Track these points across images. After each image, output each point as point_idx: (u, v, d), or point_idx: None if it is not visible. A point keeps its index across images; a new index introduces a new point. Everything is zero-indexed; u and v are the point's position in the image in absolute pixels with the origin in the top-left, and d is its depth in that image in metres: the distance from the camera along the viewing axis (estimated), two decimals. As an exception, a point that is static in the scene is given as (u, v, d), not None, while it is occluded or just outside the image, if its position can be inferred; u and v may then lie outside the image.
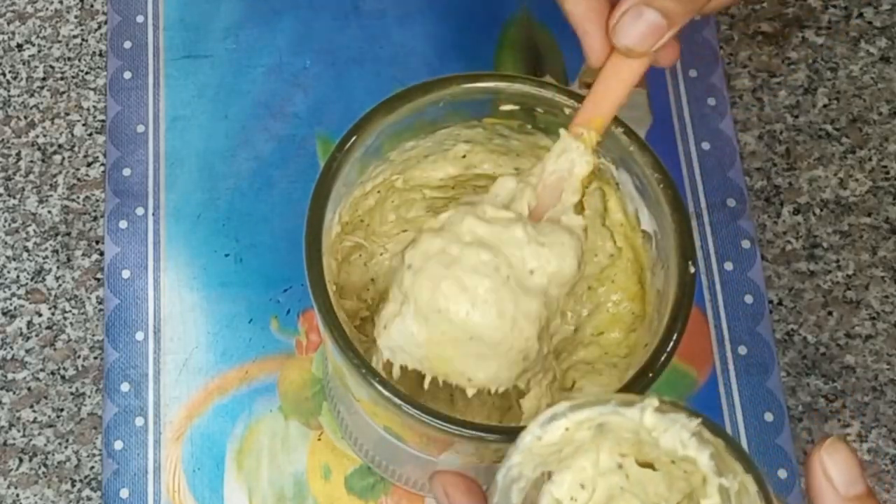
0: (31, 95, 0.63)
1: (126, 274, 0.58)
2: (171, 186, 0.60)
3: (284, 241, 0.59)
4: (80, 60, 0.64)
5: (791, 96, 0.64)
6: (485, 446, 0.41)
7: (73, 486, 0.55)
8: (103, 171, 0.61)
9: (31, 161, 0.61)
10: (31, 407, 0.57)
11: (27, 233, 0.60)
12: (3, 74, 0.63)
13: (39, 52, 0.64)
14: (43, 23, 0.65)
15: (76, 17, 0.65)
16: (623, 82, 0.41)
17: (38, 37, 0.64)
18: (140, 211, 0.60)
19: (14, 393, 0.57)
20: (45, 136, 0.62)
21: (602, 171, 0.46)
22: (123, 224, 0.59)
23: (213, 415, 0.56)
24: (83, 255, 0.59)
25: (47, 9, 0.65)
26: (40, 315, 0.58)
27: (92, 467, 0.55)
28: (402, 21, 0.65)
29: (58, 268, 0.59)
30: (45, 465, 0.55)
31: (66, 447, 0.56)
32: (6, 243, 0.60)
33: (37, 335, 0.58)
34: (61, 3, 0.65)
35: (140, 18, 0.64)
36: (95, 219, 0.60)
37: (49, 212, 0.60)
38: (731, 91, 0.64)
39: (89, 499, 0.55)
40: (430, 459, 0.47)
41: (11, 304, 0.58)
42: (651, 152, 0.44)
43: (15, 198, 0.61)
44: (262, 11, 0.65)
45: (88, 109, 0.63)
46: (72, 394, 0.57)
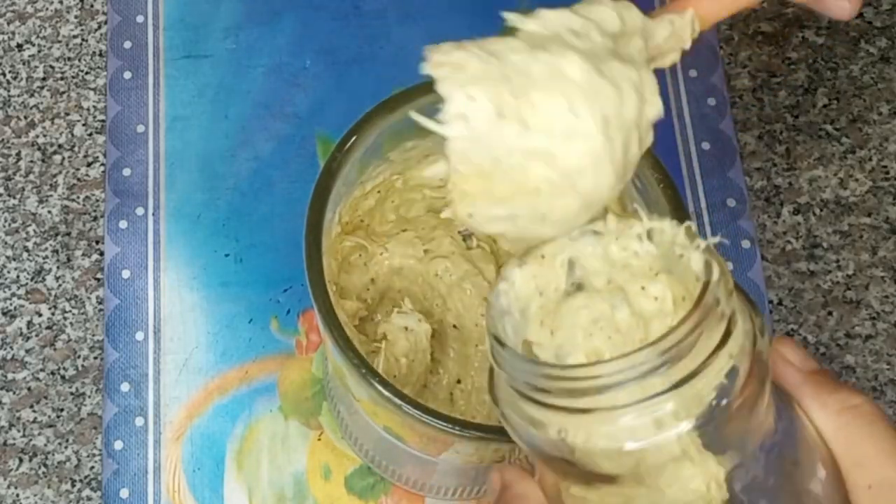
0: (31, 95, 0.63)
1: (126, 274, 0.58)
2: (171, 186, 0.60)
3: (284, 241, 0.59)
4: (80, 60, 0.64)
5: (791, 96, 0.64)
6: (485, 446, 0.41)
7: (73, 486, 0.55)
8: (103, 171, 0.61)
9: (31, 161, 0.61)
10: (31, 407, 0.57)
11: (27, 233, 0.60)
12: (3, 74, 0.63)
13: (39, 52, 0.64)
14: (43, 23, 0.65)
15: (76, 17, 0.65)
16: None
17: (38, 37, 0.64)
18: (140, 211, 0.60)
19: (14, 393, 0.57)
20: (45, 136, 0.62)
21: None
22: (123, 224, 0.59)
23: (213, 415, 0.56)
24: (83, 255, 0.59)
25: (47, 9, 0.65)
26: (40, 315, 0.58)
27: (92, 467, 0.55)
28: (402, 21, 0.65)
29: (58, 268, 0.59)
30: (45, 465, 0.55)
31: (66, 447, 0.56)
32: (6, 243, 0.60)
33: (37, 335, 0.58)
34: (61, 3, 0.65)
35: (140, 18, 0.64)
36: (95, 219, 0.60)
37: (49, 212, 0.60)
38: (731, 91, 0.64)
39: (89, 499, 0.55)
40: (430, 459, 0.47)
41: (11, 304, 0.58)
42: (651, 152, 0.44)
43: (15, 198, 0.61)
44: (262, 11, 0.65)
45: (88, 109, 0.63)
46: (72, 394, 0.57)
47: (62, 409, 0.56)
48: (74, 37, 0.64)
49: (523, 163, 0.30)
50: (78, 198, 0.61)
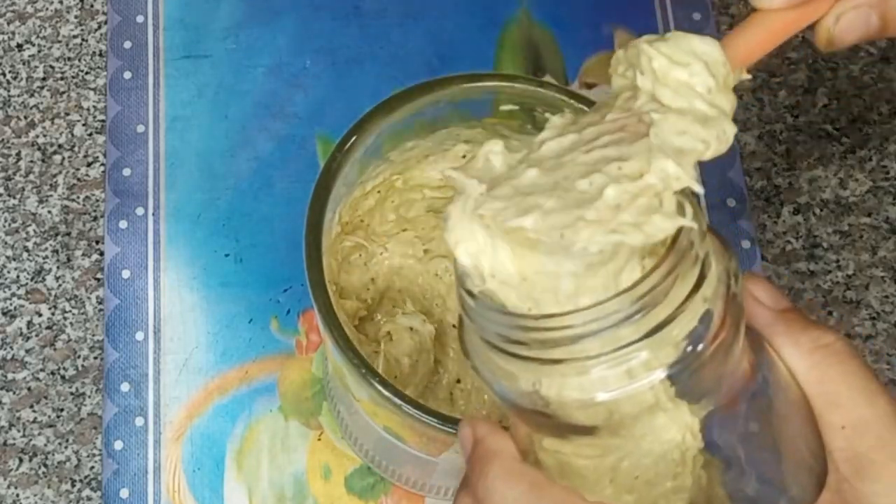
0: (31, 95, 0.63)
1: (126, 274, 0.58)
2: (171, 186, 0.60)
3: (284, 241, 0.59)
4: (80, 60, 0.64)
5: (791, 96, 0.64)
6: (485, 446, 0.41)
7: (73, 486, 0.55)
8: (103, 171, 0.61)
9: (31, 161, 0.61)
10: (31, 407, 0.57)
11: (27, 233, 0.60)
12: (3, 74, 0.63)
13: (39, 52, 0.64)
14: (43, 23, 0.65)
15: (76, 17, 0.65)
16: (769, 31, 0.32)
17: (38, 37, 0.64)
18: (140, 211, 0.60)
19: (14, 393, 0.57)
20: (45, 136, 0.62)
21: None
22: (123, 224, 0.59)
23: (213, 415, 0.56)
24: (83, 255, 0.59)
25: (47, 9, 0.65)
26: (40, 315, 0.58)
27: (92, 467, 0.55)
28: (402, 21, 0.65)
29: (58, 268, 0.59)
30: (45, 465, 0.55)
31: (66, 447, 0.56)
32: (6, 243, 0.60)
33: (37, 335, 0.58)
34: (61, 3, 0.65)
35: (140, 18, 0.64)
36: (95, 219, 0.60)
37: (49, 212, 0.60)
38: (731, 91, 0.64)
39: (89, 499, 0.55)
40: (430, 459, 0.47)
41: (11, 304, 0.58)
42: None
43: (15, 198, 0.61)
44: (262, 11, 0.65)
45: (88, 109, 0.63)
46: (72, 394, 0.57)
47: (62, 409, 0.56)
48: (74, 37, 0.64)
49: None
50: (78, 198, 0.61)
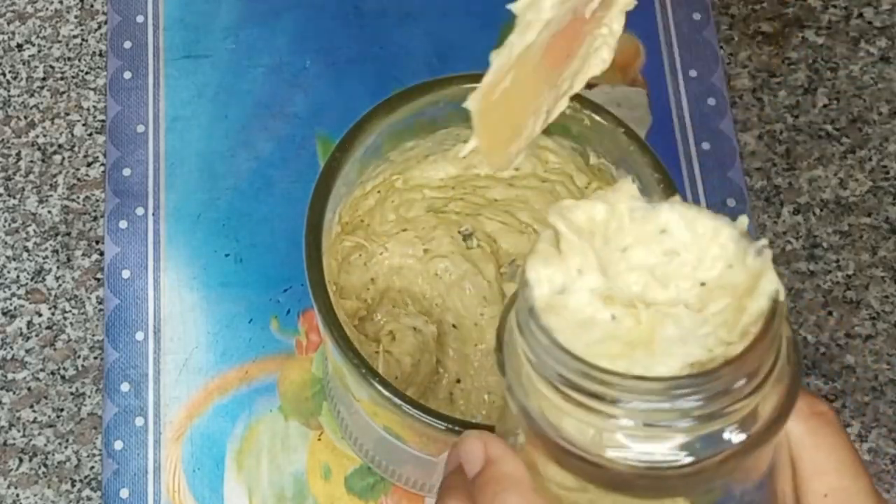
0: (31, 95, 0.63)
1: (126, 274, 0.58)
2: (171, 186, 0.60)
3: (284, 241, 0.59)
4: (80, 60, 0.64)
5: (791, 96, 0.64)
6: (485, 446, 0.41)
7: (73, 486, 0.55)
8: (103, 171, 0.61)
9: (31, 161, 0.61)
10: (31, 407, 0.57)
11: (27, 233, 0.60)
12: (3, 74, 0.63)
13: (39, 52, 0.64)
14: (43, 23, 0.65)
15: (76, 17, 0.65)
16: None
17: (38, 37, 0.64)
18: (140, 211, 0.60)
19: (14, 393, 0.57)
20: (45, 136, 0.62)
21: (602, 172, 0.46)
22: (123, 224, 0.59)
23: (213, 415, 0.56)
24: (83, 255, 0.59)
25: (47, 9, 0.65)
26: (40, 315, 0.58)
27: (92, 467, 0.55)
28: (402, 21, 0.65)
29: (58, 268, 0.59)
30: (45, 465, 0.55)
31: (66, 447, 0.56)
32: (6, 243, 0.60)
33: (37, 335, 0.58)
34: (61, 3, 0.65)
35: (140, 18, 0.64)
36: (95, 219, 0.60)
37: (49, 212, 0.60)
38: (731, 91, 0.64)
39: (89, 499, 0.55)
40: (430, 459, 0.47)
41: (11, 304, 0.58)
42: (651, 152, 0.44)
43: (15, 198, 0.61)
44: (262, 11, 0.65)
45: (88, 109, 0.63)
46: (72, 394, 0.57)
47: (62, 409, 0.56)
48: (74, 37, 0.64)
49: None
50: (78, 198, 0.61)
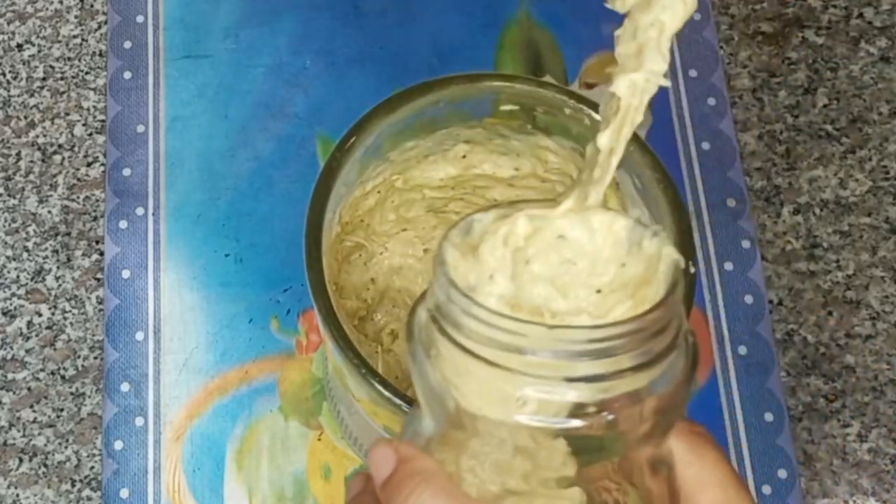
0: (31, 95, 0.63)
1: (126, 274, 0.58)
2: (171, 186, 0.60)
3: (284, 241, 0.59)
4: (80, 60, 0.64)
5: (791, 96, 0.64)
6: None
7: (73, 486, 0.55)
8: (103, 171, 0.61)
9: (31, 161, 0.61)
10: (31, 407, 0.57)
11: (27, 233, 0.60)
12: (3, 74, 0.63)
13: (39, 52, 0.64)
14: (43, 23, 0.65)
15: (76, 17, 0.65)
16: None
17: (38, 37, 0.64)
18: (140, 211, 0.60)
19: (14, 393, 0.57)
20: (45, 136, 0.62)
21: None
22: (123, 224, 0.59)
23: (213, 415, 0.56)
24: (83, 255, 0.59)
25: (47, 9, 0.65)
26: (40, 315, 0.58)
27: (92, 467, 0.55)
28: (402, 21, 0.65)
29: (58, 268, 0.59)
30: (45, 465, 0.55)
31: (66, 447, 0.56)
32: (6, 243, 0.60)
33: (37, 335, 0.58)
34: (61, 3, 0.65)
35: (140, 18, 0.64)
36: (95, 219, 0.60)
37: (49, 212, 0.60)
38: (731, 91, 0.64)
39: (89, 499, 0.55)
40: (430, 459, 0.47)
41: (11, 304, 0.58)
42: (651, 152, 0.44)
43: (15, 198, 0.61)
44: (262, 11, 0.65)
45: (88, 109, 0.63)
46: (72, 394, 0.57)
47: (62, 409, 0.56)
48: (74, 37, 0.64)
49: None
50: (78, 198, 0.61)
